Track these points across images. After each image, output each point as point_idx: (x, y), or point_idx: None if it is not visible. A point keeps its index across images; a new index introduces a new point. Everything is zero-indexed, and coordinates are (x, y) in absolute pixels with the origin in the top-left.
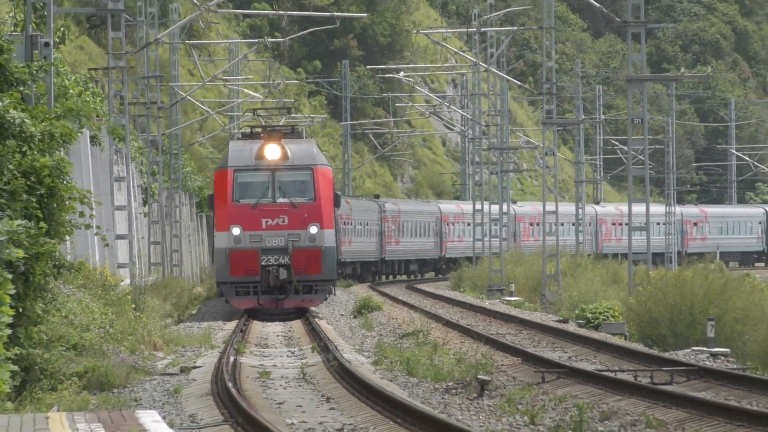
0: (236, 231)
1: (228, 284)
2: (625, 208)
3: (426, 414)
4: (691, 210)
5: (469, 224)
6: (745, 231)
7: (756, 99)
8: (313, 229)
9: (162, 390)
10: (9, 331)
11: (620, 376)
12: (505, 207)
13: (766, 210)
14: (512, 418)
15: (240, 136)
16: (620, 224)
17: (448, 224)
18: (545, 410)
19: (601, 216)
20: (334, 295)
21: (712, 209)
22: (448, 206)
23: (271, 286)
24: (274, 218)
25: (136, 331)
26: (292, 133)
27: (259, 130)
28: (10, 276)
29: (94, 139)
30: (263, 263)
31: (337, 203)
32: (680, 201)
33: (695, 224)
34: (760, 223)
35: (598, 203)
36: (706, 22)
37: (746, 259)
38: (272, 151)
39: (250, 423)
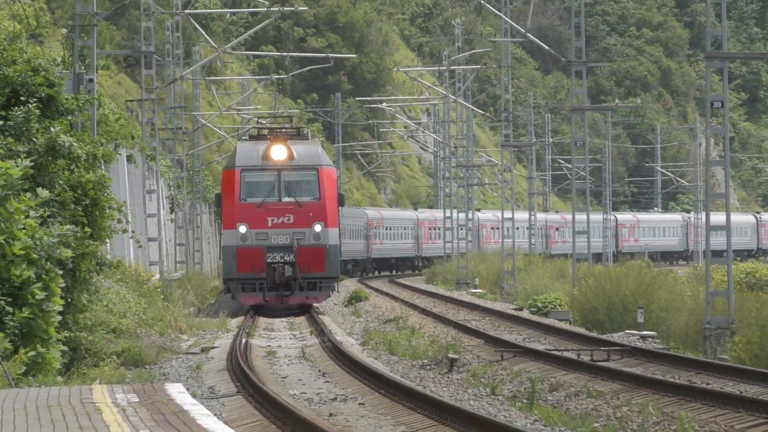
0: (243, 229)
1: (235, 281)
2: (569, 215)
3: (405, 386)
4: (624, 216)
5: (440, 229)
6: (669, 234)
7: (677, 125)
8: (318, 228)
9: (186, 366)
10: (60, 318)
11: (566, 354)
12: (470, 214)
13: (684, 217)
14: (476, 390)
15: (247, 137)
16: (565, 229)
17: (423, 229)
18: (504, 383)
19: (550, 222)
20: (337, 292)
21: (641, 216)
22: (423, 214)
23: (276, 283)
24: (279, 217)
25: (164, 317)
26: (297, 134)
27: (265, 132)
28: (60, 272)
29: (129, 158)
30: (269, 260)
31: (341, 202)
32: (615, 209)
33: (628, 228)
34: (680, 227)
35: (547, 212)
36: (636, 61)
37: (669, 257)
38: (278, 152)
39: (259, 393)
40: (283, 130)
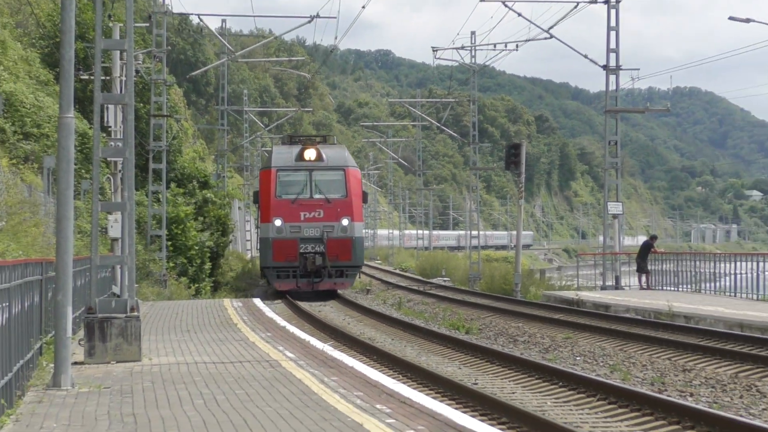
0: (278, 222)
1: (271, 269)
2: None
3: (349, 300)
4: (435, 232)
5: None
6: (452, 239)
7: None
8: (345, 222)
9: (261, 291)
10: (209, 271)
11: (413, 287)
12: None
13: (458, 233)
14: (378, 301)
15: (282, 142)
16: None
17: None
18: (388, 298)
19: (407, 235)
20: (360, 278)
21: (442, 232)
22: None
23: (308, 271)
24: (311, 212)
25: (253, 272)
26: (324, 142)
27: (296, 140)
28: (208, 253)
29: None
30: (301, 251)
31: (365, 200)
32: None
33: (435, 235)
34: (457, 236)
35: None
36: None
37: (453, 249)
38: (310, 154)
39: (288, 301)
40: (313, 137)
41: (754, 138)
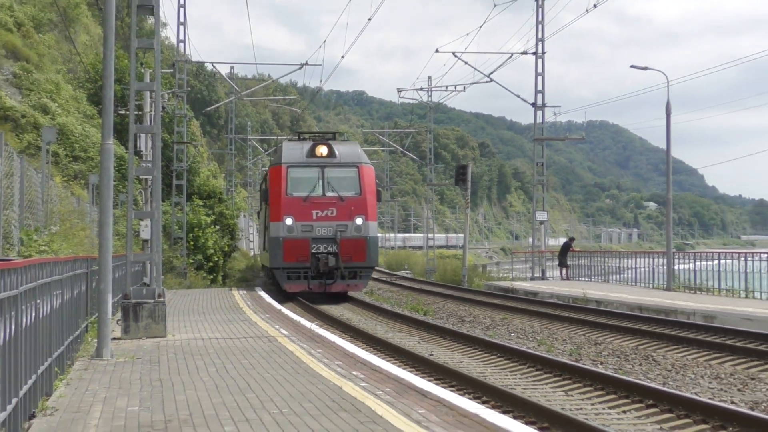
0: (289, 221)
1: (281, 270)
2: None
3: (357, 299)
4: (404, 235)
5: None
6: (417, 240)
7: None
8: (359, 221)
9: (261, 283)
10: (222, 265)
11: (382, 278)
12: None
13: (423, 235)
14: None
15: (291, 138)
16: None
17: None
18: (378, 292)
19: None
20: (372, 279)
21: (413, 234)
22: None
23: (320, 272)
24: (323, 210)
25: (254, 267)
26: (333, 138)
27: (306, 137)
28: (221, 253)
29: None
30: (313, 251)
31: (379, 198)
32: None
33: (404, 238)
34: (421, 237)
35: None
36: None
37: (416, 249)
38: (322, 150)
39: (302, 305)
40: (324, 133)
41: (650, 161)
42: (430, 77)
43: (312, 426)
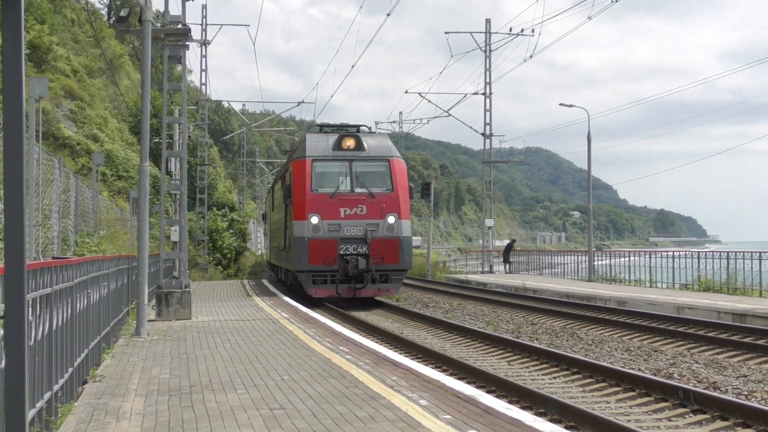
0: (315, 220)
1: (305, 273)
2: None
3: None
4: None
5: None
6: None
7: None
8: (391, 219)
9: (268, 276)
10: (235, 261)
11: None
12: None
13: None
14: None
15: (315, 130)
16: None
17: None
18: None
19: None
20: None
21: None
22: None
23: (348, 276)
24: (352, 208)
25: (261, 263)
26: (359, 131)
27: (329, 129)
28: (235, 251)
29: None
30: (341, 252)
31: (411, 195)
32: None
33: None
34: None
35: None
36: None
37: None
38: (350, 142)
39: (299, 293)
40: (346, 126)
41: (575, 179)
42: (401, 113)
43: (307, 390)
